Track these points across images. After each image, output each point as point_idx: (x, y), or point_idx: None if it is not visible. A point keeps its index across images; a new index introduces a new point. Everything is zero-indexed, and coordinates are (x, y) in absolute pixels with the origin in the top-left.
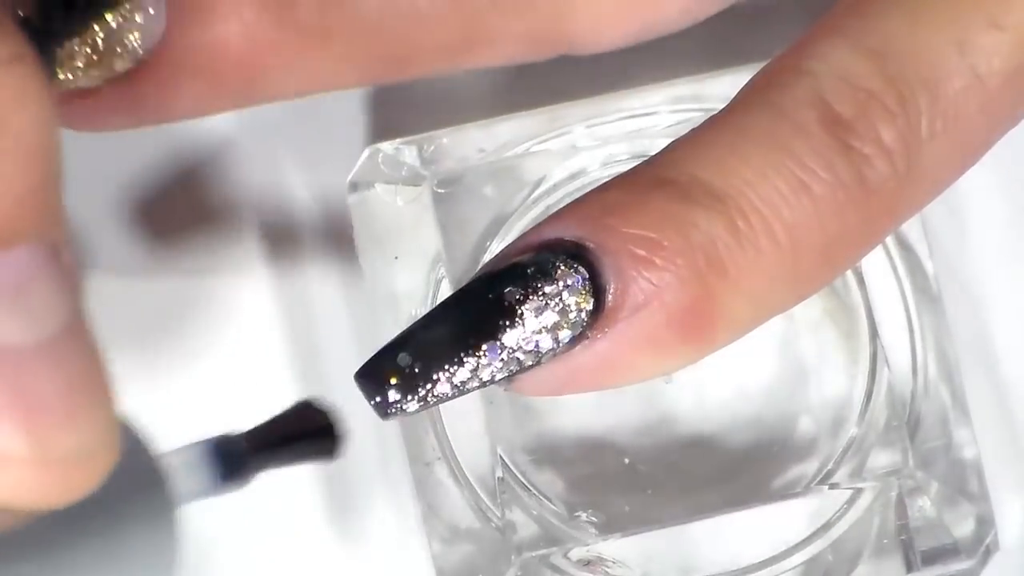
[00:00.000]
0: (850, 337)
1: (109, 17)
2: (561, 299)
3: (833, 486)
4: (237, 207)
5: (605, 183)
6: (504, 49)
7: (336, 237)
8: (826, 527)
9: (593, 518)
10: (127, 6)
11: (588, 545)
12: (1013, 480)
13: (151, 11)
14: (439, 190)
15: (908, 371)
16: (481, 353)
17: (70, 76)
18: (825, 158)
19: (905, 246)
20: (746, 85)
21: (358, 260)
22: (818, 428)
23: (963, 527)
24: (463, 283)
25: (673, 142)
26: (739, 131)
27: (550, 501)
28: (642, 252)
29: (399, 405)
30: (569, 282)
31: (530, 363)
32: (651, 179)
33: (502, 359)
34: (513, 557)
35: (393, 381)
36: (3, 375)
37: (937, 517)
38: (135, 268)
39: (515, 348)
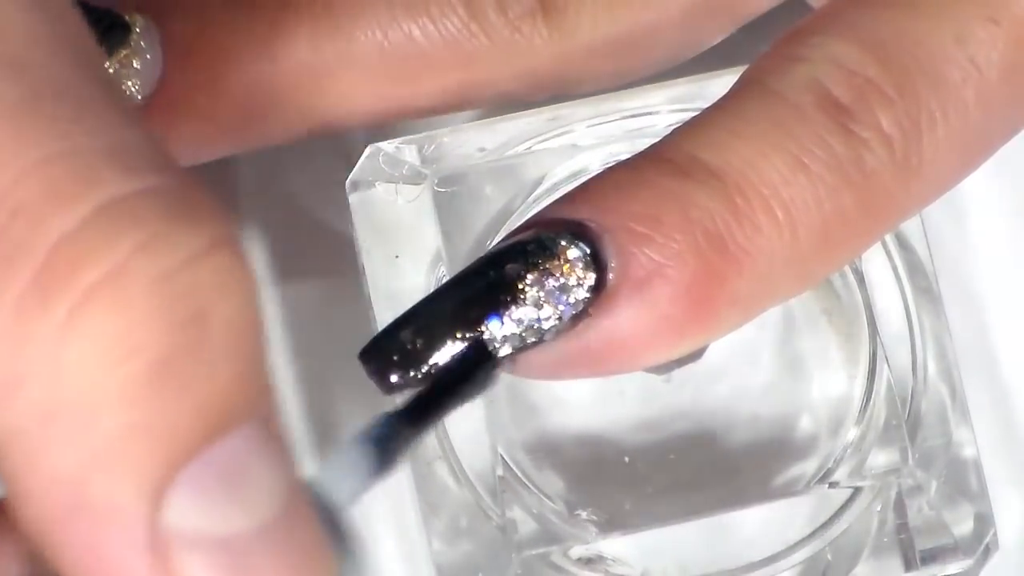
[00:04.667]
0: (850, 336)
1: (107, 63)
2: (562, 274)
3: (833, 485)
4: (237, 206)
5: (607, 168)
6: (501, 90)
7: (336, 236)
8: (825, 526)
9: (593, 516)
10: (125, 52)
11: (588, 543)
12: (1012, 479)
13: (148, 56)
14: (440, 189)
15: (908, 370)
16: (483, 328)
17: None
18: (822, 138)
19: (905, 245)
20: (743, 74)
21: (359, 259)
22: (818, 427)
23: (962, 526)
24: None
25: (673, 130)
26: (736, 114)
27: (550, 499)
28: (641, 229)
29: (402, 381)
30: (570, 257)
31: (533, 340)
32: (650, 160)
33: (504, 335)
34: (513, 555)
35: (395, 358)
36: (228, 566)
37: (936, 516)
38: None
39: (517, 323)
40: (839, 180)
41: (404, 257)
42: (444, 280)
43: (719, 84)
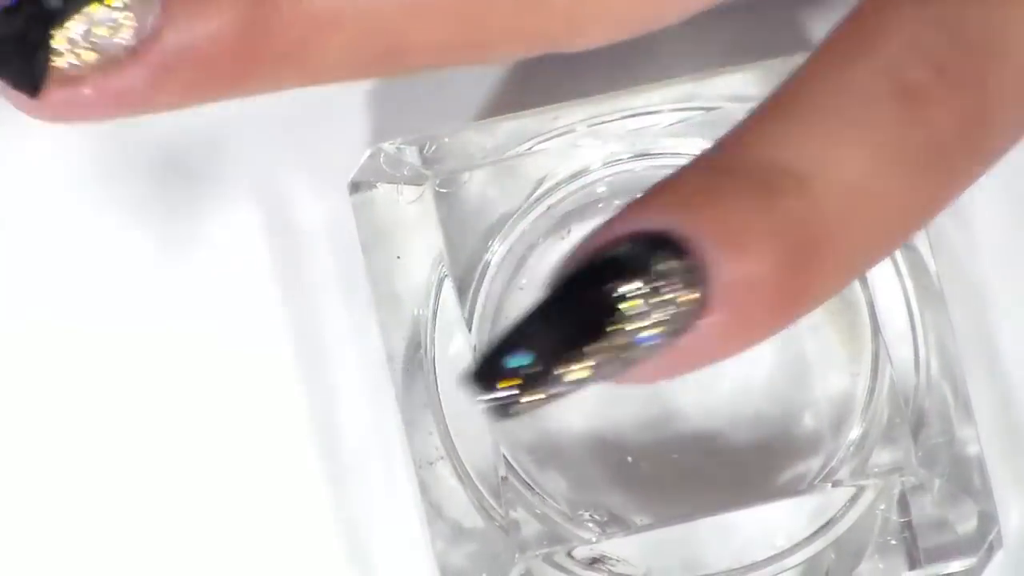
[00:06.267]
0: (852, 335)
1: (105, 1)
2: (662, 291)
3: (836, 484)
4: (238, 207)
5: (682, 169)
6: (502, 45)
7: (338, 237)
8: (829, 525)
9: (596, 516)
10: None
11: (591, 543)
12: (1016, 477)
13: None
14: (441, 190)
15: (911, 368)
16: (589, 348)
17: (64, 63)
18: (899, 129)
19: (907, 244)
20: (810, 58)
21: (360, 260)
22: (821, 426)
23: (966, 524)
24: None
25: (742, 123)
26: (810, 107)
27: (553, 500)
28: (732, 238)
29: (516, 407)
30: (668, 271)
31: (639, 356)
32: (730, 163)
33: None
34: (516, 556)
35: (510, 383)
36: None
37: (940, 514)
38: (135, 268)
39: (624, 345)
40: (918, 169)
41: (405, 258)
42: (444, 280)
43: (719, 84)
